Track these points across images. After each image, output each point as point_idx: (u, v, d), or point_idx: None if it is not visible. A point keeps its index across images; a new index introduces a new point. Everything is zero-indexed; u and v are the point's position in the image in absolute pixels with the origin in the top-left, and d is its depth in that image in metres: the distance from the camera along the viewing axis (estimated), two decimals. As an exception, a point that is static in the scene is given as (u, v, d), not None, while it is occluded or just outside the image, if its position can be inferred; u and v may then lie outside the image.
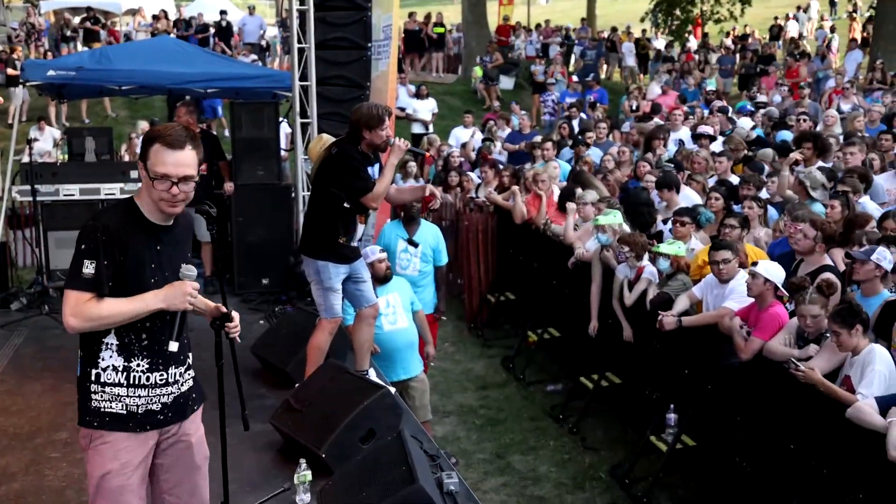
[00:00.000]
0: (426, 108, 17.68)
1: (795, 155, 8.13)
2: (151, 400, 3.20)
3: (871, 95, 14.45)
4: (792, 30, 26.31)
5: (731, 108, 14.47)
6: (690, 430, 6.25)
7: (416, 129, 17.34)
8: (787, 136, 10.74)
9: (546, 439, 7.40)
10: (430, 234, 7.57)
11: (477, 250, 10.28)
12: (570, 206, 8.48)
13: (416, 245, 7.34)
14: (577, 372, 7.87)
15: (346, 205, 5.32)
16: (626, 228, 7.50)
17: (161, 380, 3.21)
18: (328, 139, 5.70)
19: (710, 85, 19.38)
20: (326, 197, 5.38)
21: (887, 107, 12.22)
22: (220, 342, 3.47)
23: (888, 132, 9.50)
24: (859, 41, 21.84)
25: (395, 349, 6.51)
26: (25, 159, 8.72)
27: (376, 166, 5.53)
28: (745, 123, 11.94)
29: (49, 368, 6.57)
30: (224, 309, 3.43)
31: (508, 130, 14.77)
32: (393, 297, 6.59)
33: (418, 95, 18.00)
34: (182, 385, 3.30)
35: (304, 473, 4.36)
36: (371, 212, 5.95)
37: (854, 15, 27.13)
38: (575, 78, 19.53)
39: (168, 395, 3.24)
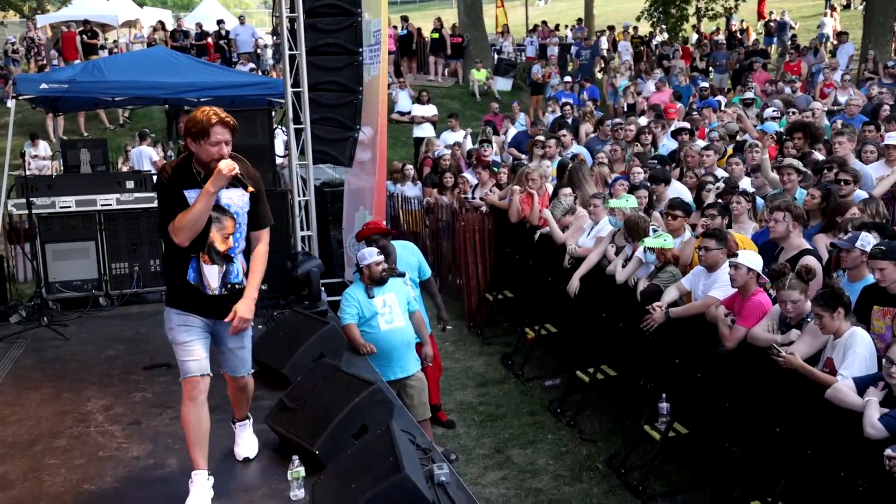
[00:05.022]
0: (428, 114, 17.89)
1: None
2: None
3: (865, 86, 14.52)
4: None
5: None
6: (682, 418, 6.34)
7: (417, 132, 17.50)
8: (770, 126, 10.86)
9: (544, 433, 7.50)
10: (408, 253, 7.39)
11: (474, 250, 10.39)
12: (546, 212, 8.66)
13: (402, 275, 7.09)
14: (574, 366, 7.96)
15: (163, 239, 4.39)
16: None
17: None
18: None
19: (704, 82, 19.47)
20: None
21: (874, 98, 12.26)
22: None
23: (871, 123, 9.57)
24: (840, 34, 21.79)
25: (392, 348, 6.56)
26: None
27: (235, 192, 4.33)
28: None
29: (48, 378, 6.61)
30: None
31: (514, 131, 14.99)
32: (390, 297, 6.64)
33: (419, 101, 18.20)
34: None
35: (297, 470, 4.45)
36: (232, 251, 4.38)
37: (835, 6, 27.10)
38: (568, 78, 19.67)
39: None
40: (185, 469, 4.89)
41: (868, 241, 5.53)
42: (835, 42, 21.66)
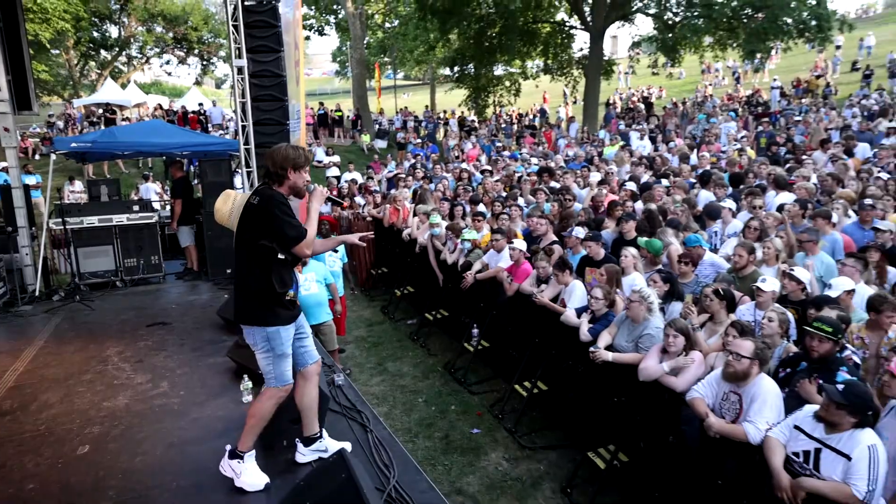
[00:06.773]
0: (333, 161, 17.42)
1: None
2: None
3: (583, 146, 15.33)
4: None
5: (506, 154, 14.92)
6: (486, 337, 6.45)
7: (328, 172, 17.01)
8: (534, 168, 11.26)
9: (407, 352, 7.44)
10: (339, 246, 7.29)
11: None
12: (413, 218, 8.62)
13: (336, 251, 7.05)
14: (424, 311, 7.95)
15: (280, 256, 3.13)
16: (443, 225, 7.70)
17: None
18: (235, 194, 3.83)
19: (498, 143, 19.98)
20: (258, 253, 3.12)
21: (588, 153, 13.00)
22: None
23: (587, 167, 10.13)
24: (571, 118, 22.83)
25: (308, 305, 6.20)
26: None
27: None
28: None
29: (79, 337, 6.05)
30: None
31: (385, 171, 14.81)
32: (309, 275, 6.35)
33: (327, 154, 17.72)
34: None
35: (247, 384, 4.28)
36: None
37: (568, 102, 28.99)
38: (418, 140, 19.68)
39: None
40: (174, 389, 4.57)
41: (579, 232, 5.81)
42: (567, 122, 22.62)
